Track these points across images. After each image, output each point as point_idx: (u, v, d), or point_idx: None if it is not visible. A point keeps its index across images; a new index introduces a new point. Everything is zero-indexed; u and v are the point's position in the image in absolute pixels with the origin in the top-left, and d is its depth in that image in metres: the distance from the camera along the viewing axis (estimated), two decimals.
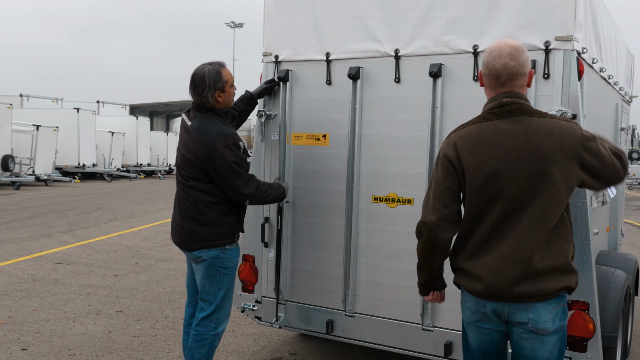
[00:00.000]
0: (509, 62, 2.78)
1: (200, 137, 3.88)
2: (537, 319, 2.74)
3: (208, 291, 4.04)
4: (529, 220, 2.71)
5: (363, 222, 4.44)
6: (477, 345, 2.96)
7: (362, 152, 4.42)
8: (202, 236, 3.95)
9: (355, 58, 4.42)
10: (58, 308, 6.55)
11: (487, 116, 2.83)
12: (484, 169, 2.75)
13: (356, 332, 4.50)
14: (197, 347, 4.04)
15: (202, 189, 3.93)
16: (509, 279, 2.72)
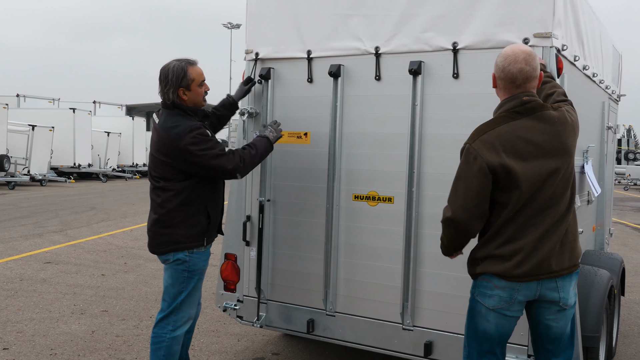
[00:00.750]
0: (524, 67, 3.02)
1: (167, 135, 3.79)
2: (566, 296, 3.10)
3: (169, 292, 3.93)
4: (562, 205, 3.04)
5: (344, 221, 4.41)
6: (496, 331, 3.12)
7: (342, 150, 4.39)
8: (168, 238, 3.86)
9: (336, 56, 4.39)
10: (43, 308, 6.51)
11: (512, 115, 3.04)
12: (522, 166, 2.96)
13: (337, 331, 4.47)
14: (153, 349, 3.93)
15: (171, 189, 3.83)
16: (547, 254, 3.00)
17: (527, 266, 3.01)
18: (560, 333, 3.18)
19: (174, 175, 3.83)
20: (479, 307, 3.15)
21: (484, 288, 3.12)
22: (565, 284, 3.10)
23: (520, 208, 3.01)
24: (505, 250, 3.04)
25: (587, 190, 5.07)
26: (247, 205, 4.75)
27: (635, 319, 6.81)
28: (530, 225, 3.02)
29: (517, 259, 3.01)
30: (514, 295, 3.06)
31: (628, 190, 31.80)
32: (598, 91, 5.44)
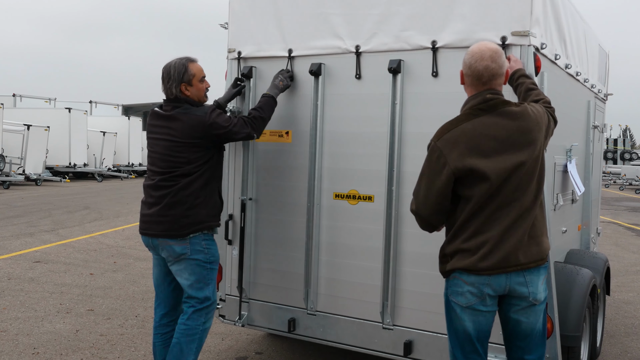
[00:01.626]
0: (490, 64, 3.09)
1: (194, 116, 3.95)
2: (535, 291, 3.11)
3: (196, 288, 4.01)
4: (528, 199, 3.06)
5: (324, 220, 4.40)
6: (474, 329, 3.13)
7: (323, 148, 4.39)
8: (192, 220, 3.95)
9: (317, 54, 4.39)
10: (29, 307, 6.50)
11: (475, 112, 3.09)
12: (486, 162, 3.00)
13: (318, 330, 4.46)
14: (186, 342, 3.98)
15: (193, 172, 3.94)
16: (514, 247, 3.03)
17: (493, 259, 3.03)
18: (531, 329, 3.18)
19: (199, 156, 3.95)
20: (454, 307, 3.17)
21: (455, 287, 3.14)
22: (534, 278, 3.12)
23: (485, 202, 3.04)
24: (471, 244, 3.06)
25: (571, 189, 5.06)
26: (229, 204, 4.74)
27: (623, 318, 6.81)
28: (496, 218, 3.04)
29: (483, 252, 3.03)
30: (483, 290, 3.07)
31: (623, 190, 31.84)
32: (582, 90, 5.44)
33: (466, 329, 3.14)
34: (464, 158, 3.02)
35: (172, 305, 4.22)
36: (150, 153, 4.10)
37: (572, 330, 4.15)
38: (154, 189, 4.01)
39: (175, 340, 4.02)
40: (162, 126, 4.02)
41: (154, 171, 4.04)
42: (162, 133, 4.01)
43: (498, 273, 3.05)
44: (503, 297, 3.16)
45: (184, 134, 3.93)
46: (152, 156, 4.07)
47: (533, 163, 3.08)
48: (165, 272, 4.17)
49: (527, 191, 3.07)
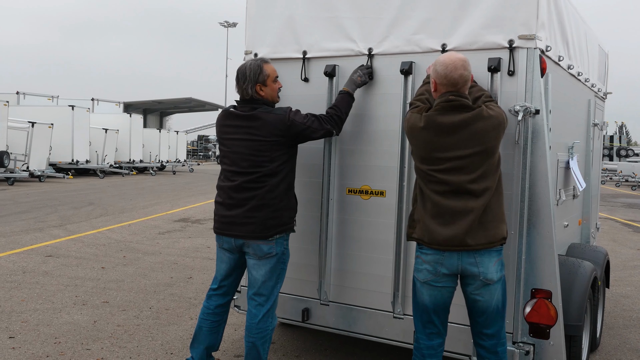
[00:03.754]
0: (463, 72, 3.55)
1: (274, 116, 4.08)
2: (486, 271, 3.53)
3: (267, 286, 4.18)
4: (479, 186, 3.49)
5: (337, 214, 4.60)
6: (430, 302, 3.64)
7: (337, 146, 4.58)
8: (277, 222, 4.11)
9: (331, 57, 4.58)
10: (46, 299, 6.70)
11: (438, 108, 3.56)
12: (432, 149, 3.56)
13: (330, 320, 4.66)
14: (261, 343, 4.16)
15: (277, 172, 4.08)
16: (463, 229, 3.47)
17: (442, 237, 3.52)
18: (487, 307, 3.59)
19: (281, 154, 4.08)
20: (415, 281, 3.71)
21: (416, 264, 3.68)
22: (484, 259, 3.52)
23: (435, 184, 3.55)
24: (429, 220, 3.58)
25: (573, 185, 5.26)
26: None
27: (622, 311, 7.01)
28: (447, 202, 3.53)
29: (435, 229, 3.54)
30: (438, 268, 3.56)
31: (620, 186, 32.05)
32: (583, 89, 5.64)
33: (423, 301, 3.66)
34: (417, 141, 3.61)
35: (230, 298, 4.44)
36: (227, 153, 4.19)
37: (574, 320, 4.34)
38: (237, 190, 4.11)
39: (249, 344, 4.18)
40: (241, 126, 4.12)
41: (234, 172, 4.13)
42: (243, 132, 4.10)
43: (449, 251, 3.51)
44: (462, 278, 3.61)
45: (267, 133, 4.05)
46: (231, 156, 4.15)
47: (482, 156, 3.49)
48: (232, 268, 4.36)
49: (476, 179, 3.48)
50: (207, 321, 4.38)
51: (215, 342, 4.42)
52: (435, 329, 3.67)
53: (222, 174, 4.24)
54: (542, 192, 3.93)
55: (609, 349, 5.68)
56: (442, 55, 3.64)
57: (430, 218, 3.56)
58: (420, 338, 3.72)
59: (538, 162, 3.93)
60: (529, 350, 3.95)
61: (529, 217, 3.96)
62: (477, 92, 3.75)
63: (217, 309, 4.39)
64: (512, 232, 3.97)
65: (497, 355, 3.66)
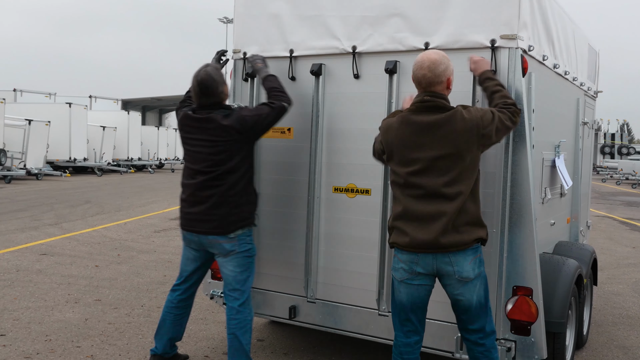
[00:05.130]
0: (426, 73, 3.58)
1: (226, 117, 4.21)
2: (461, 270, 3.55)
3: (239, 280, 4.36)
4: (451, 190, 3.49)
5: (324, 212, 4.63)
6: (407, 300, 3.67)
7: (323, 144, 4.62)
8: (237, 217, 4.26)
9: (317, 55, 4.61)
10: (39, 297, 6.73)
11: (413, 108, 3.62)
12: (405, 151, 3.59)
13: (317, 317, 4.70)
14: (242, 333, 4.33)
15: (237, 169, 4.22)
16: (436, 232, 3.49)
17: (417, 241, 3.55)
18: (469, 304, 3.63)
19: (239, 152, 4.22)
20: (393, 280, 3.74)
21: (394, 263, 3.72)
22: (459, 259, 3.55)
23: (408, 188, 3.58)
24: (401, 224, 3.62)
25: (560, 184, 5.29)
26: None
27: (612, 309, 7.04)
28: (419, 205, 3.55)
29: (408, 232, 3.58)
30: (413, 268, 3.60)
31: (620, 184, 32.09)
32: (571, 88, 5.66)
33: (401, 299, 3.69)
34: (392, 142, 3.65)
35: (192, 293, 4.65)
36: (189, 152, 4.34)
37: (557, 317, 4.38)
38: (198, 188, 4.26)
39: (231, 336, 4.35)
40: (199, 127, 4.26)
41: (196, 170, 4.27)
42: (201, 133, 4.25)
43: (424, 252, 3.54)
44: (439, 277, 3.64)
45: (223, 133, 4.19)
46: (193, 155, 4.31)
47: (454, 159, 3.50)
48: (197, 266, 4.57)
49: (448, 183, 3.50)
50: (170, 314, 4.59)
51: (179, 333, 4.66)
52: (413, 326, 3.70)
53: (185, 172, 4.39)
54: (524, 191, 3.96)
55: (596, 346, 5.72)
56: (423, 53, 3.69)
57: (404, 222, 3.58)
58: (398, 336, 3.75)
59: (520, 161, 3.96)
60: (510, 347, 3.99)
61: (510, 216, 3.99)
62: (499, 98, 3.73)
63: (180, 303, 4.60)
64: (494, 230, 4.00)
65: (484, 347, 3.71)
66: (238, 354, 4.34)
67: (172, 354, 4.71)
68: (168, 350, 4.66)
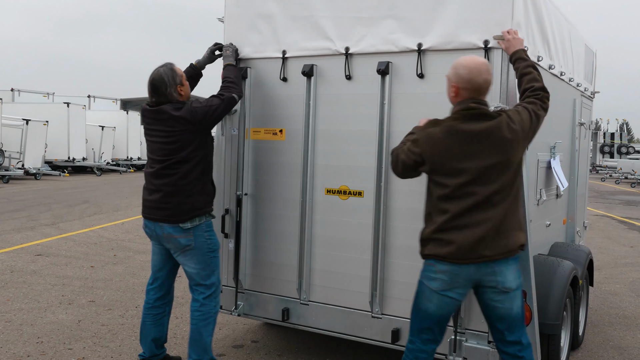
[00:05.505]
0: (488, 78, 3.44)
1: (177, 110, 4.26)
2: (504, 280, 3.41)
3: (202, 275, 4.40)
4: (499, 196, 3.35)
5: (316, 214, 4.60)
6: (435, 311, 3.48)
7: (316, 146, 4.59)
8: (190, 206, 4.29)
9: (309, 56, 4.58)
10: (32, 298, 6.70)
11: (458, 116, 3.40)
12: (454, 161, 3.36)
13: (310, 319, 4.67)
14: (203, 325, 4.40)
15: (190, 159, 4.27)
16: (482, 241, 3.33)
17: (461, 251, 3.35)
18: (508, 313, 3.47)
19: (191, 142, 4.26)
20: (424, 288, 3.50)
21: (429, 272, 3.48)
22: (502, 268, 3.40)
23: (454, 196, 3.37)
24: (443, 234, 3.40)
25: (556, 185, 5.26)
26: (226, 199, 4.95)
27: (608, 309, 7.02)
28: (464, 213, 3.37)
29: (453, 244, 3.37)
30: (454, 279, 3.40)
31: (619, 183, 32.06)
32: (567, 89, 5.62)
33: (428, 309, 3.49)
34: (437, 153, 3.39)
35: (167, 289, 4.65)
36: (148, 143, 4.45)
37: (552, 319, 4.36)
38: (155, 177, 4.36)
39: (193, 327, 4.42)
40: (155, 119, 4.35)
41: (153, 159, 4.39)
42: (157, 124, 4.34)
43: (467, 263, 3.35)
44: (477, 287, 3.47)
45: (176, 124, 4.25)
46: (151, 146, 4.42)
47: (503, 166, 3.36)
48: (164, 259, 4.57)
49: (497, 191, 3.35)
50: (149, 315, 4.60)
51: (162, 334, 4.66)
52: (433, 335, 3.54)
53: (147, 161, 4.50)
54: None
55: (592, 347, 5.69)
56: (463, 58, 3.47)
57: (448, 233, 3.38)
58: (415, 341, 3.57)
59: None
60: None
61: None
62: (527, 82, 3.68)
63: (157, 302, 4.61)
64: None
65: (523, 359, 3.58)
66: (196, 345, 4.39)
67: (161, 356, 4.69)
68: (155, 351, 4.64)
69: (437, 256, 3.41)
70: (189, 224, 4.29)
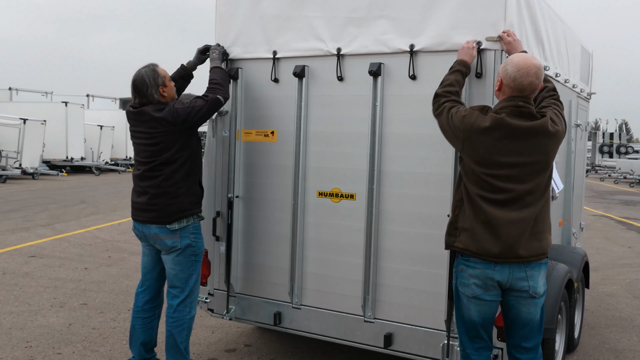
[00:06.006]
0: (534, 80, 3.35)
1: (159, 111, 4.22)
2: (535, 285, 3.38)
3: (179, 278, 4.36)
4: (533, 196, 3.32)
5: (308, 217, 4.55)
6: (478, 317, 3.47)
7: (307, 148, 4.53)
8: (176, 207, 4.27)
9: (301, 56, 4.52)
10: (23, 301, 6.64)
11: (504, 112, 3.34)
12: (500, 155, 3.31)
13: (302, 323, 4.61)
14: (177, 332, 4.35)
15: (174, 160, 4.23)
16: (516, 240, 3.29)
17: (496, 248, 3.32)
18: (530, 319, 3.45)
19: (175, 143, 4.22)
20: (462, 296, 3.49)
21: (462, 279, 3.46)
22: (534, 272, 3.38)
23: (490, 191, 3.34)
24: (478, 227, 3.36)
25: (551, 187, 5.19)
26: (217, 201, 4.89)
27: (605, 310, 6.96)
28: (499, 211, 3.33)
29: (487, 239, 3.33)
30: (487, 282, 3.37)
31: (618, 183, 32.02)
32: (563, 90, 5.55)
33: (471, 316, 3.47)
34: (479, 140, 3.33)
35: (156, 292, 4.60)
36: (134, 145, 4.45)
37: (546, 323, 4.27)
38: (141, 179, 4.36)
39: (167, 333, 4.39)
40: (138, 120, 4.33)
41: (139, 161, 4.39)
42: (141, 126, 4.32)
43: (501, 262, 3.32)
44: (507, 290, 3.43)
45: (158, 125, 4.22)
46: (136, 148, 4.43)
47: (541, 166, 3.35)
48: (154, 261, 4.53)
49: (532, 190, 3.33)
50: (138, 319, 4.56)
51: (151, 338, 4.60)
52: (484, 342, 3.53)
53: (134, 164, 4.51)
54: None
55: (588, 349, 5.64)
56: (516, 55, 3.42)
57: (481, 227, 3.34)
58: (470, 354, 3.55)
59: None
60: (497, 354, 3.90)
61: None
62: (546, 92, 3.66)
63: (146, 306, 4.57)
64: None
65: None
66: (173, 351, 4.38)
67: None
68: (145, 355, 4.59)
69: (469, 251, 3.38)
70: (176, 225, 4.26)
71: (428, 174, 4.11)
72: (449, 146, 3.94)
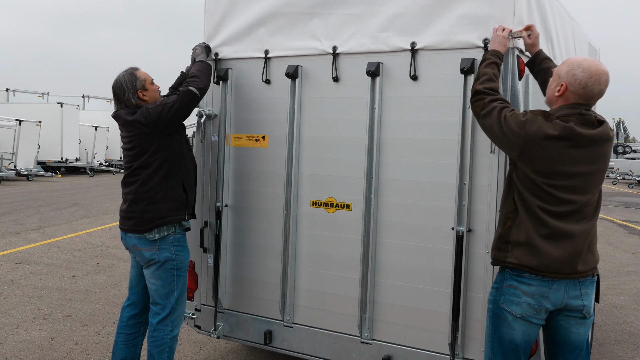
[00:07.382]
0: (604, 89, 3.08)
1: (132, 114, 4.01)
2: (589, 304, 3.11)
3: (160, 294, 4.03)
4: (591, 207, 3.08)
5: (301, 228, 4.24)
6: (522, 340, 3.11)
7: (301, 154, 4.22)
8: (153, 215, 3.98)
9: (294, 56, 4.21)
10: (5, 312, 6.33)
11: (569, 119, 3.03)
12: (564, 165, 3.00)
13: (294, 343, 4.30)
14: (157, 352, 4.04)
15: (151, 164, 3.97)
16: (576, 254, 3.01)
17: (558, 263, 3.02)
18: (580, 341, 3.18)
19: (150, 146, 3.96)
20: (505, 315, 3.12)
21: (511, 296, 3.10)
22: (588, 291, 3.11)
23: (552, 201, 3.03)
24: (541, 240, 3.03)
25: None
26: (205, 211, 4.58)
27: (614, 324, 6.65)
28: (562, 223, 3.06)
29: (551, 252, 3.02)
30: (542, 303, 3.06)
31: (616, 184, 31.76)
32: None
33: (514, 338, 3.12)
34: (542, 148, 3.00)
35: (142, 308, 4.26)
36: (122, 150, 4.24)
37: None
38: (123, 185, 4.14)
39: (148, 353, 4.08)
40: (119, 125, 4.14)
41: (124, 167, 4.17)
42: (123, 130, 4.12)
43: (559, 278, 3.02)
44: (558, 311, 3.13)
45: (132, 128, 4.00)
46: (122, 153, 4.22)
47: (601, 175, 3.11)
48: (139, 274, 4.23)
49: (590, 201, 3.08)
50: (122, 335, 4.25)
51: (133, 356, 4.27)
52: None
53: None
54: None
55: None
56: (584, 59, 3.10)
57: (542, 241, 3.02)
58: None
59: None
60: None
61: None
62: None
63: (130, 321, 4.26)
64: (487, 251, 3.60)
65: None
66: None
67: None
68: None
69: (527, 266, 3.04)
70: (155, 235, 3.96)
71: (430, 183, 3.80)
72: (453, 152, 3.66)
